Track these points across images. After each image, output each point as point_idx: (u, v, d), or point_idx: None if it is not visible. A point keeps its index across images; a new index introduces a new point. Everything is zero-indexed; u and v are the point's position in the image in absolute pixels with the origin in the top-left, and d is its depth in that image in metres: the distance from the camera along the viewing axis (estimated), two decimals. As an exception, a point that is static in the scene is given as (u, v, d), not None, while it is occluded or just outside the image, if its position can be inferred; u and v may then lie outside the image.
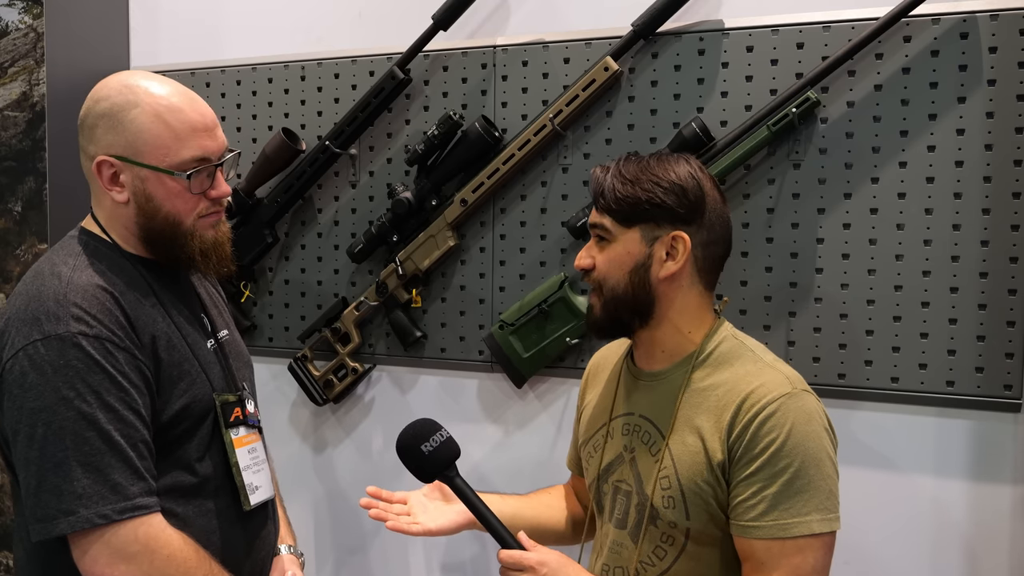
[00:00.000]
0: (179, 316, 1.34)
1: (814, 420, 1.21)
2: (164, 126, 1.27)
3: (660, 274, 1.27)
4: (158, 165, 1.27)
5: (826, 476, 1.19)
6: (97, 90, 1.30)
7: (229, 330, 1.48)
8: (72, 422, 1.17)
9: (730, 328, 1.33)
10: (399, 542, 2.07)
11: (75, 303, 1.21)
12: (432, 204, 1.90)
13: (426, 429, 1.33)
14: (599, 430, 1.40)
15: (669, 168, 1.27)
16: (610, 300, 1.29)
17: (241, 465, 1.36)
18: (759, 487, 1.19)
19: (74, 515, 1.16)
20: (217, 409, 1.34)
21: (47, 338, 1.19)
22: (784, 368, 1.27)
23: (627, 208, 1.26)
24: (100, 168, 1.28)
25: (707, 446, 1.23)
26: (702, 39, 1.71)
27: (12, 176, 2.28)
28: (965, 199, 1.56)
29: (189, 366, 1.31)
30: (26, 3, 2.24)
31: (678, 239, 1.26)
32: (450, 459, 1.32)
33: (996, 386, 1.56)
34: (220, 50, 2.19)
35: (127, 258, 1.31)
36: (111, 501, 1.17)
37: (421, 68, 1.94)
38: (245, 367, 1.48)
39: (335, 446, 2.13)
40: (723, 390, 1.25)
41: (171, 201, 1.29)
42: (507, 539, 1.28)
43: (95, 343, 1.20)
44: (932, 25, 1.56)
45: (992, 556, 1.59)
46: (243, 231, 2.08)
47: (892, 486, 1.63)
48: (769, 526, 1.18)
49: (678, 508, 1.25)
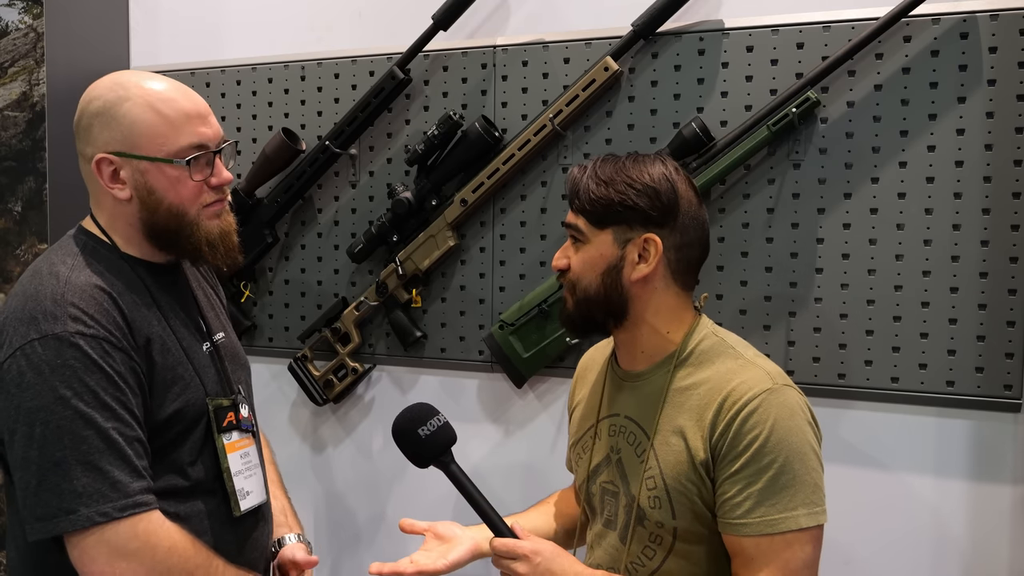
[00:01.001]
0: (175, 319, 1.34)
1: (796, 415, 1.21)
2: (157, 115, 1.27)
3: (632, 276, 1.26)
4: (156, 155, 1.27)
5: (811, 470, 1.19)
6: (88, 92, 1.30)
7: (226, 332, 1.47)
8: (70, 421, 1.17)
9: (710, 325, 1.32)
10: (398, 542, 2.07)
11: (73, 303, 1.20)
12: (432, 204, 1.90)
13: (423, 413, 1.32)
14: (587, 431, 1.40)
15: (643, 170, 1.26)
16: (582, 300, 1.29)
17: (233, 470, 1.35)
18: (744, 484, 1.19)
19: (75, 513, 1.16)
20: (210, 414, 1.33)
21: (44, 337, 1.18)
22: (765, 363, 1.27)
23: (600, 210, 1.26)
24: (100, 167, 1.28)
25: (690, 445, 1.23)
26: (702, 39, 1.71)
27: (12, 176, 2.28)
28: (965, 199, 1.56)
29: (183, 370, 1.31)
30: (26, 3, 2.24)
31: (650, 242, 1.25)
32: (447, 444, 1.31)
33: (996, 386, 1.56)
34: (220, 50, 2.19)
35: (125, 260, 1.31)
36: (112, 499, 1.17)
37: (421, 68, 1.94)
38: (241, 369, 1.48)
39: (335, 446, 2.13)
40: (704, 389, 1.25)
41: (173, 191, 1.29)
42: (501, 527, 1.28)
43: (92, 342, 1.19)
44: (932, 25, 1.56)
45: (992, 556, 1.59)
46: (243, 231, 2.07)
47: (892, 486, 1.63)
48: (757, 523, 1.18)
49: (664, 508, 1.25)
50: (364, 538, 2.11)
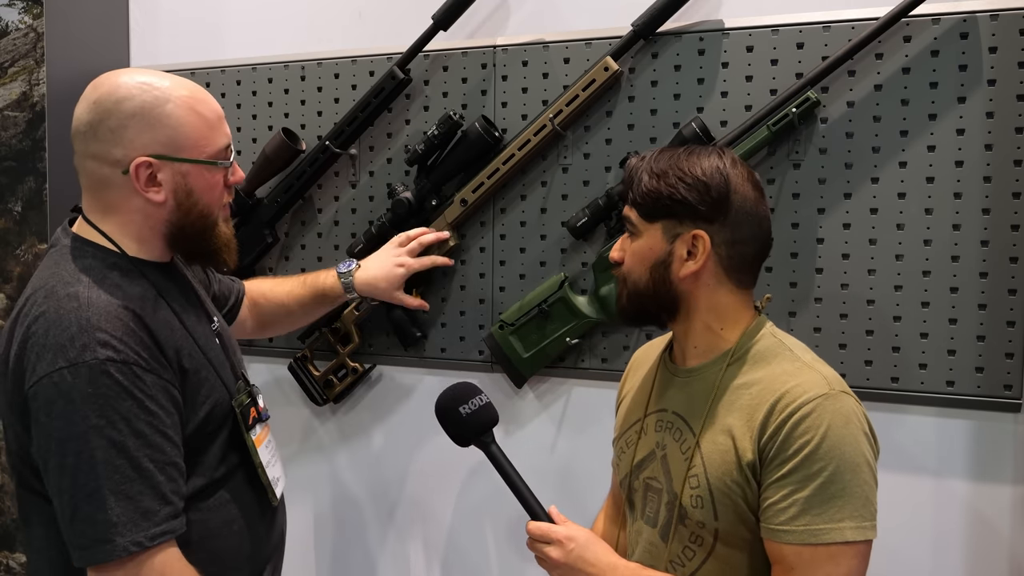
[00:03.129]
0: (187, 316, 1.34)
1: (852, 423, 1.16)
2: (199, 118, 1.28)
3: (681, 272, 1.24)
4: (200, 157, 1.28)
5: (863, 482, 1.14)
6: (112, 92, 1.25)
7: (218, 316, 1.49)
8: (103, 451, 1.16)
9: (770, 326, 1.28)
10: (400, 542, 2.07)
11: (99, 327, 1.18)
12: (432, 204, 1.90)
13: (466, 392, 1.33)
14: (633, 425, 1.37)
15: (696, 163, 1.22)
16: (633, 293, 1.27)
17: (264, 463, 1.38)
18: (791, 490, 1.15)
19: (111, 543, 1.16)
20: (237, 414, 1.35)
21: (74, 365, 1.16)
22: (823, 368, 1.22)
23: (650, 202, 1.23)
24: (138, 171, 1.25)
25: (737, 445, 1.19)
26: (702, 39, 1.71)
27: (12, 176, 2.28)
28: (965, 199, 1.56)
29: (207, 372, 1.32)
30: (26, 3, 2.24)
31: (698, 238, 1.22)
32: (488, 424, 1.31)
33: (996, 386, 1.56)
34: (220, 50, 2.19)
35: (135, 265, 1.30)
36: (143, 528, 1.17)
37: (421, 68, 1.94)
38: (238, 350, 1.51)
39: (335, 446, 2.13)
40: (757, 389, 1.21)
41: (209, 193, 1.30)
42: (537, 511, 1.27)
43: (123, 368, 1.18)
44: (932, 25, 1.56)
45: (992, 556, 1.59)
46: (243, 231, 2.08)
47: (892, 486, 1.63)
48: (800, 531, 1.14)
49: (706, 508, 1.22)
50: (364, 538, 2.11)
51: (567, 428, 1.89)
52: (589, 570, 1.23)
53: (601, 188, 1.79)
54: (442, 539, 2.03)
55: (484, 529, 1.99)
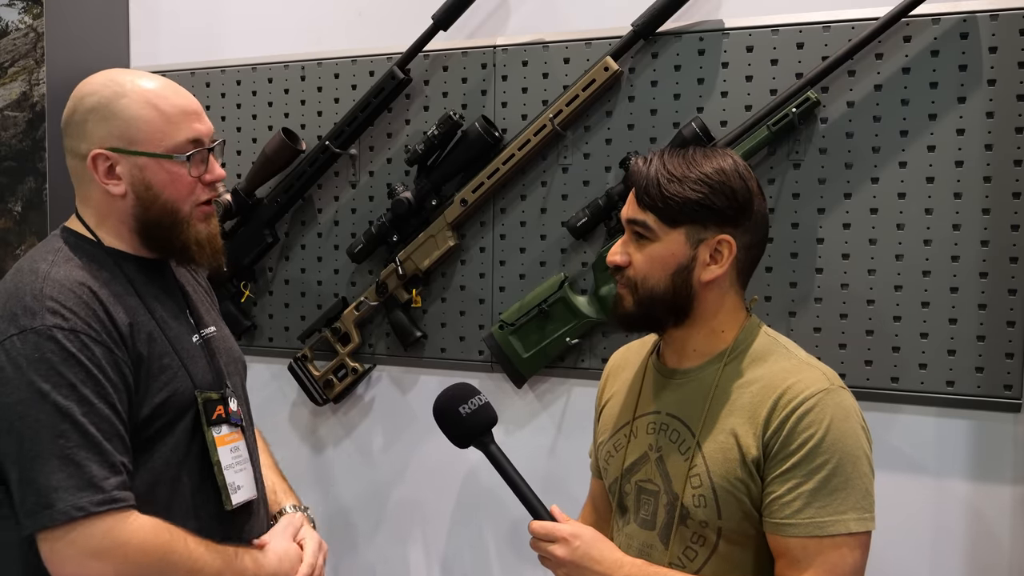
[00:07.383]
0: (161, 311, 1.33)
1: (851, 417, 1.19)
2: (155, 111, 1.27)
3: (703, 277, 1.23)
4: (155, 151, 1.27)
5: (862, 475, 1.17)
6: (81, 88, 1.31)
7: (217, 327, 1.46)
8: (48, 415, 1.16)
9: (761, 325, 1.30)
10: (398, 542, 2.07)
11: (51, 297, 1.20)
12: (432, 204, 1.90)
13: (464, 392, 1.31)
14: (621, 429, 1.37)
15: (717, 166, 1.21)
16: (647, 299, 1.24)
17: (223, 464, 1.34)
18: (795, 483, 1.16)
19: (52, 508, 1.15)
20: (199, 406, 1.32)
21: (23, 332, 1.18)
22: (819, 365, 1.24)
23: (675, 208, 1.20)
24: (95, 162, 1.27)
25: (741, 443, 1.20)
26: (702, 39, 1.71)
27: (12, 176, 2.28)
28: (965, 199, 1.56)
29: (170, 360, 1.30)
30: (26, 3, 2.24)
31: (723, 243, 1.21)
32: (487, 424, 1.30)
33: (996, 386, 1.56)
34: (220, 50, 2.19)
35: (108, 254, 1.31)
36: (88, 494, 1.16)
37: (421, 68, 1.94)
38: (235, 364, 1.47)
39: (335, 446, 2.13)
40: (758, 386, 1.22)
41: (171, 187, 1.29)
42: (540, 510, 1.27)
43: (70, 336, 1.19)
44: (932, 25, 1.56)
45: (992, 556, 1.59)
46: (243, 231, 2.08)
47: (892, 486, 1.63)
48: (805, 524, 1.15)
49: (709, 507, 1.22)
50: (364, 538, 2.11)
51: (567, 428, 1.89)
52: (596, 567, 1.23)
53: (601, 188, 1.79)
54: (442, 539, 2.03)
55: (484, 529, 1.99)
